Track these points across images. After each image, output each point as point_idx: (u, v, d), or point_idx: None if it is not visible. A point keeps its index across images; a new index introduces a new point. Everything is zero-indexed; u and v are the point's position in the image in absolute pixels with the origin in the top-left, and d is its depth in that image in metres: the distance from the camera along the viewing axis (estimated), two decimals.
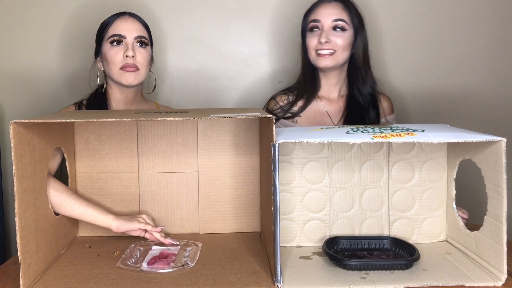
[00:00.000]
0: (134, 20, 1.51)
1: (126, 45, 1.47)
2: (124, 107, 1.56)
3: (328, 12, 1.55)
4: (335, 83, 1.62)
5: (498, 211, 0.97)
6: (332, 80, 1.61)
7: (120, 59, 1.46)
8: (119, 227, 1.18)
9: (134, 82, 1.48)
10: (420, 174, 1.20)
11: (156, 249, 1.15)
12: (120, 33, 1.47)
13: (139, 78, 1.49)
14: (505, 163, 0.94)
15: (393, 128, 1.04)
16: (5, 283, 0.99)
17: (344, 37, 1.54)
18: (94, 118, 0.99)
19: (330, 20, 1.54)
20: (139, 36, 1.49)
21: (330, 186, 1.20)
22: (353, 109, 1.60)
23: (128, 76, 1.47)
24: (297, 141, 0.96)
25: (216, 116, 0.99)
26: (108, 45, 1.48)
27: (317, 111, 1.62)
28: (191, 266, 1.04)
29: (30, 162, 0.98)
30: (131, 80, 1.47)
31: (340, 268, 1.03)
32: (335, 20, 1.54)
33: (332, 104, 1.63)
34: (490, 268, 1.00)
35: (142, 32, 1.51)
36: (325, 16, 1.55)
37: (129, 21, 1.50)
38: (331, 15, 1.54)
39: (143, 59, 1.49)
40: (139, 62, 1.48)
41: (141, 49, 1.49)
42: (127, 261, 1.07)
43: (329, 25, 1.54)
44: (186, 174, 1.28)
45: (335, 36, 1.53)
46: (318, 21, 1.55)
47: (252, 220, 1.29)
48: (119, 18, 1.51)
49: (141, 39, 1.49)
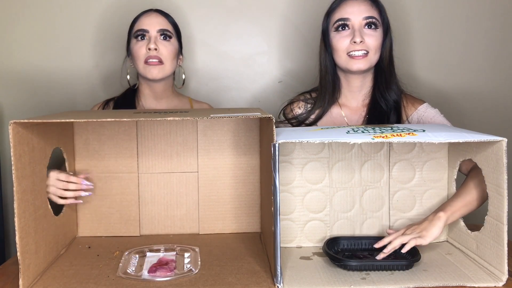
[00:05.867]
0: (157, 15, 1.54)
1: (149, 39, 1.50)
2: (153, 103, 1.57)
3: (357, 9, 1.40)
4: (358, 89, 1.47)
5: (499, 211, 0.96)
6: (355, 85, 1.46)
7: (144, 53, 1.48)
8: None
9: (158, 76, 1.49)
10: (420, 174, 1.19)
11: (151, 256, 1.12)
12: (143, 28, 1.51)
13: (164, 71, 1.50)
14: (506, 163, 0.94)
15: (394, 128, 1.03)
16: (4, 284, 0.99)
17: (376, 36, 1.40)
18: (93, 118, 0.99)
19: (361, 17, 1.39)
20: (162, 30, 1.51)
21: (331, 186, 1.19)
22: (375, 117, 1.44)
23: (153, 70, 1.48)
24: (297, 141, 0.96)
25: (216, 116, 0.99)
26: (134, 41, 1.52)
27: (336, 120, 1.49)
28: (195, 272, 1.02)
29: (29, 162, 0.97)
30: (155, 73, 1.48)
31: (340, 269, 1.03)
32: (366, 17, 1.39)
33: (353, 113, 1.49)
34: (490, 268, 1.00)
35: (166, 26, 1.53)
36: (355, 14, 1.40)
37: (153, 16, 1.53)
38: (362, 12, 1.40)
39: (167, 52, 1.50)
40: (163, 55, 1.49)
41: (164, 42, 1.50)
42: (127, 269, 1.05)
43: (360, 23, 1.39)
44: (186, 174, 1.28)
45: (367, 35, 1.39)
46: (347, 20, 1.40)
47: (252, 220, 1.29)
48: (143, 14, 1.54)
49: (164, 32, 1.51)
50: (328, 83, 1.47)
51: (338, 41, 1.40)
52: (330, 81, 1.47)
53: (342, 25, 1.40)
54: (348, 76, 1.46)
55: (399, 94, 1.46)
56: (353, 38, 1.37)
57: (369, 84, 1.48)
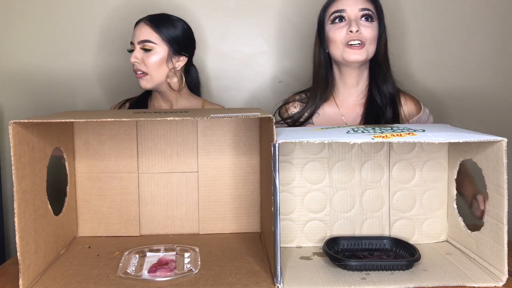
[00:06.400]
0: (143, 25, 1.56)
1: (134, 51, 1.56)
2: (164, 105, 1.65)
3: (353, 1, 1.42)
4: (354, 85, 1.48)
5: (499, 211, 0.96)
6: (351, 81, 1.48)
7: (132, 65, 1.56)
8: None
9: (147, 86, 1.57)
10: (420, 174, 1.19)
11: (151, 256, 1.12)
12: (132, 40, 1.57)
13: (152, 81, 1.56)
14: (506, 163, 0.94)
15: (394, 128, 1.03)
16: (4, 284, 0.99)
17: (372, 28, 1.41)
18: (93, 118, 0.99)
19: (357, 9, 1.41)
20: (141, 41, 1.55)
21: (331, 186, 1.19)
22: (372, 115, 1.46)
23: (141, 81, 1.56)
24: (297, 141, 0.96)
25: (216, 116, 0.99)
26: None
27: (332, 119, 1.50)
28: (195, 272, 1.02)
29: (29, 162, 0.97)
30: (144, 84, 1.56)
31: (340, 269, 1.03)
32: (362, 9, 1.41)
33: (350, 112, 1.50)
34: (490, 268, 1.00)
35: (148, 36, 1.54)
36: (350, 5, 1.41)
37: (138, 27, 1.57)
38: (357, 4, 1.41)
39: (150, 63, 1.54)
40: (145, 67, 1.55)
41: (146, 53, 1.54)
42: (127, 269, 1.04)
43: (356, 14, 1.41)
44: (186, 174, 1.28)
45: (363, 26, 1.40)
46: (343, 11, 1.41)
47: (252, 220, 1.29)
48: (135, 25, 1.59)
49: (144, 45, 1.54)
50: (321, 78, 1.48)
51: (334, 32, 1.42)
52: (323, 76, 1.48)
53: (339, 17, 1.42)
54: (343, 72, 1.47)
55: (396, 89, 1.48)
56: (349, 27, 1.39)
57: (364, 81, 1.49)
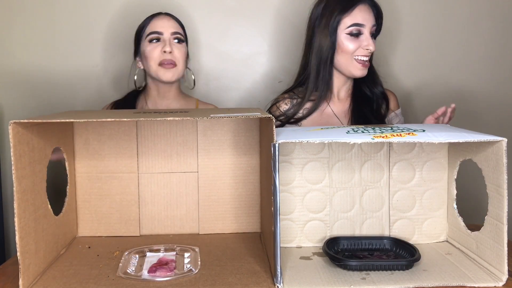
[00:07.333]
0: (169, 18, 1.58)
1: (163, 41, 1.54)
2: (160, 104, 1.62)
3: (369, 17, 1.48)
4: (344, 81, 1.57)
5: (499, 211, 0.96)
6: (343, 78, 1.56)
7: (158, 55, 1.53)
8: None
9: (173, 79, 1.55)
10: (420, 174, 1.19)
11: (151, 256, 1.12)
12: (158, 30, 1.54)
13: (177, 74, 1.56)
14: (506, 163, 0.94)
15: (394, 128, 1.03)
16: (4, 284, 0.99)
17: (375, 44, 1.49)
18: (93, 118, 0.99)
19: (371, 25, 1.48)
20: (175, 32, 1.55)
21: (331, 186, 1.19)
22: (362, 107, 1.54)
23: (167, 73, 1.53)
24: (297, 141, 0.96)
25: (216, 116, 0.99)
26: (146, 43, 1.55)
27: (324, 113, 1.56)
28: (195, 272, 1.02)
29: (29, 162, 0.97)
30: (170, 76, 1.54)
31: (340, 269, 1.03)
32: (373, 25, 1.48)
33: (339, 105, 1.57)
34: (490, 268, 1.00)
35: (178, 29, 1.57)
36: (367, 21, 1.47)
37: (165, 19, 1.57)
38: (371, 20, 1.48)
39: (180, 55, 1.55)
40: (176, 58, 1.54)
41: (178, 45, 1.56)
42: (127, 269, 1.04)
43: (370, 31, 1.48)
44: (186, 174, 1.28)
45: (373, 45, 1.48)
46: (362, 26, 1.47)
47: (252, 220, 1.29)
48: (156, 17, 1.58)
49: (178, 35, 1.56)
50: (324, 78, 1.53)
51: (349, 45, 1.47)
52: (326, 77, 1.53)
53: (357, 31, 1.46)
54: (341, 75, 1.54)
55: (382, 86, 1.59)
56: (367, 45, 1.45)
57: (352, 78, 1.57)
